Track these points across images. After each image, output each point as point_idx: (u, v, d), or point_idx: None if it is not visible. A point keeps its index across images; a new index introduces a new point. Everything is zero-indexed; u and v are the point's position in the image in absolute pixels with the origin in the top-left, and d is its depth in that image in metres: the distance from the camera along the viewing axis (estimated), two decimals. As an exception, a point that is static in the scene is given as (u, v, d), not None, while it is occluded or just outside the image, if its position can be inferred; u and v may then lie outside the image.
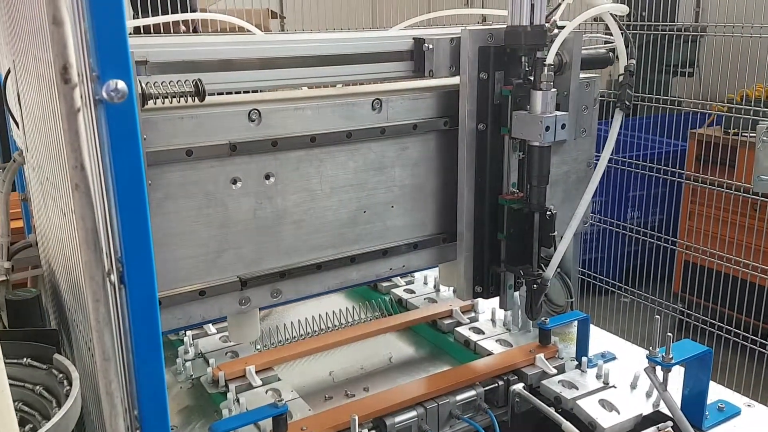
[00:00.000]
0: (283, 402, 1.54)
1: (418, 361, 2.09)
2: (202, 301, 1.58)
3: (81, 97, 0.72)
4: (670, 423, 1.62)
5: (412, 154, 1.82)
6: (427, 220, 1.90)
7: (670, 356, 1.57)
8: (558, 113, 1.70)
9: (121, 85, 0.71)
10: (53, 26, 0.69)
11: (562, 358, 1.92)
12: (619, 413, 1.69)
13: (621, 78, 1.83)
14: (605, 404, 1.73)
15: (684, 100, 4.86)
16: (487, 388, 1.80)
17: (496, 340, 2.05)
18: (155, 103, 1.40)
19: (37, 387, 1.47)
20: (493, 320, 2.20)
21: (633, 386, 1.85)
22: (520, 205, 1.80)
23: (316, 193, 1.69)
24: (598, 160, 1.92)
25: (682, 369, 1.72)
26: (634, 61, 1.82)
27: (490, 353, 1.97)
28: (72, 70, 0.70)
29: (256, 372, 1.87)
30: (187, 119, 1.46)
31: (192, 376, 1.95)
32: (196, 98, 1.45)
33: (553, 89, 1.70)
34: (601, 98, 2.15)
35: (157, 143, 1.43)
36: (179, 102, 1.43)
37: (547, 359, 1.88)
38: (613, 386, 1.82)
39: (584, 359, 1.88)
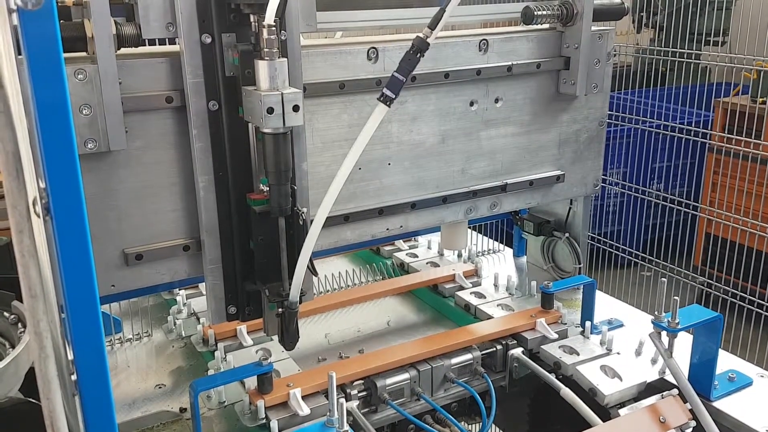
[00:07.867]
0: (269, 361, 1.48)
1: (417, 325, 2.02)
2: (188, 256, 1.53)
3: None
4: (675, 391, 1.53)
5: (410, 109, 1.74)
6: (426, 179, 1.82)
7: (677, 321, 1.48)
8: (286, 91, 1.24)
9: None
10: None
11: (566, 324, 1.84)
12: (621, 380, 1.61)
13: None
14: (607, 370, 1.65)
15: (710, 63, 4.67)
16: (484, 352, 1.73)
17: (498, 305, 1.97)
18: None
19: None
20: (496, 285, 2.12)
21: (638, 353, 1.77)
22: (267, 206, 1.38)
23: (307, 148, 1.62)
24: (612, 119, 1.80)
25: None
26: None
27: (490, 317, 1.89)
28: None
29: (249, 332, 1.81)
30: (167, 64, 1.39)
31: (183, 335, 1.91)
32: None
33: (282, 59, 1.26)
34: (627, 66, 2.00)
35: (135, 89, 1.36)
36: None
37: (549, 325, 1.79)
38: (617, 353, 1.73)
39: (588, 324, 1.79)
